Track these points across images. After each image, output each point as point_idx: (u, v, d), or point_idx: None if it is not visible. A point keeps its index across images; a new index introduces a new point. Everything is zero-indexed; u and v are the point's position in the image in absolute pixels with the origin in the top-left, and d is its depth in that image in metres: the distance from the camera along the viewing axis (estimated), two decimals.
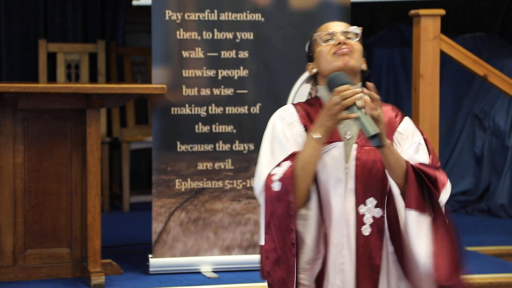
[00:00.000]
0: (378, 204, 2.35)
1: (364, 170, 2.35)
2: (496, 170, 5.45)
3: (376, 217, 2.35)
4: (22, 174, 3.57)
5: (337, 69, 2.39)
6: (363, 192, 2.35)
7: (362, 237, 2.34)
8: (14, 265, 3.57)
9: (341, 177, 2.35)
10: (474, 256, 4.14)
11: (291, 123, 2.41)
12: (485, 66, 4.41)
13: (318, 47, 2.44)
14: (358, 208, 2.34)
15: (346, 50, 2.40)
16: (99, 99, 3.52)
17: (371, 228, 2.34)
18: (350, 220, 2.34)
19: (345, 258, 2.34)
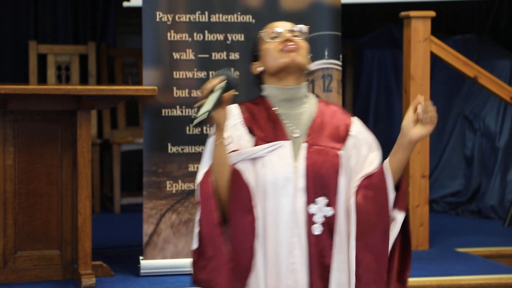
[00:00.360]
0: (329, 203, 2.35)
1: (314, 169, 2.34)
2: (486, 171, 5.46)
3: (327, 216, 2.34)
4: (12, 176, 3.55)
5: (284, 65, 2.40)
6: (314, 191, 2.34)
7: (313, 236, 2.33)
8: (4, 267, 3.56)
9: (290, 177, 2.34)
10: (465, 258, 4.15)
11: (234, 125, 2.41)
12: (475, 67, 4.42)
13: (264, 45, 2.45)
14: (308, 207, 2.34)
15: (293, 47, 2.41)
16: (89, 101, 3.51)
17: (322, 227, 2.34)
18: (300, 219, 2.33)
19: (296, 257, 2.34)
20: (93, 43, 5.56)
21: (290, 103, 2.43)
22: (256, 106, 2.45)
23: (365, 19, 6.42)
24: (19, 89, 3.42)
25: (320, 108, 2.47)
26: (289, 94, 2.43)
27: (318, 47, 3.77)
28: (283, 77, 2.43)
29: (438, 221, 5.05)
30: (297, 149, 2.38)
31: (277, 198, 2.34)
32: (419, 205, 4.29)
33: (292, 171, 2.35)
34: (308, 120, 2.43)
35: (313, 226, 2.34)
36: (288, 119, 2.42)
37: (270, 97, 2.45)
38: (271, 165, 2.35)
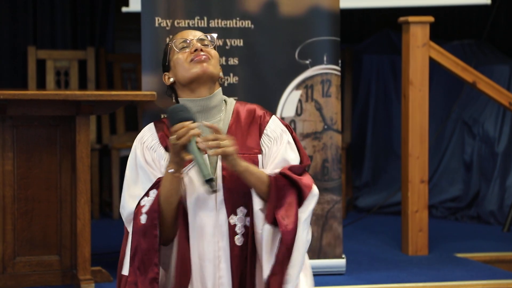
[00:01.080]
0: (248, 213, 2.33)
1: (231, 179, 2.33)
2: (485, 176, 5.46)
3: (247, 225, 2.33)
4: (11, 181, 3.55)
5: (196, 76, 2.38)
6: (233, 202, 2.33)
7: (236, 247, 2.32)
8: (3, 273, 3.55)
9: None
10: (464, 263, 4.14)
11: (152, 146, 2.39)
12: (474, 73, 4.42)
13: (174, 55, 2.42)
14: (229, 218, 2.32)
15: (204, 57, 2.39)
16: (88, 106, 3.50)
17: (243, 237, 2.33)
18: (223, 232, 2.32)
19: (222, 271, 2.33)
20: (92, 49, 5.55)
21: (206, 114, 2.41)
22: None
23: (363, 25, 6.42)
24: (18, 94, 3.41)
25: (236, 112, 2.44)
26: (203, 105, 2.41)
27: (316, 52, 3.78)
28: (195, 88, 2.41)
29: (437, 227, 5.04)
30: (214, 161, 2.35)
31: (199, 213, 2.32)
32: (418, 210, 4.29)
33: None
34: (223, 128, 2.40)
35: (235, 237, 2.32)
36: (204, 131, 2.37)
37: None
38: (191, 182, 2.32)
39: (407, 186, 4.29)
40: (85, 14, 5.71)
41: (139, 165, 2.39)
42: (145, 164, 2.38)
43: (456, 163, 5.62)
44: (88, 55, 5.53)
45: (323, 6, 3.80)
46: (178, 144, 2.24)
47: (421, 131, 4.30)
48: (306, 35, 3.78)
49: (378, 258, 4.20)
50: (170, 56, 2.46)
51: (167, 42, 2.50)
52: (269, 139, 2.40)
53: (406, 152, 4.31)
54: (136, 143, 2.44)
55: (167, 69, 2.48)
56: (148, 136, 2.43)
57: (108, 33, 5.75)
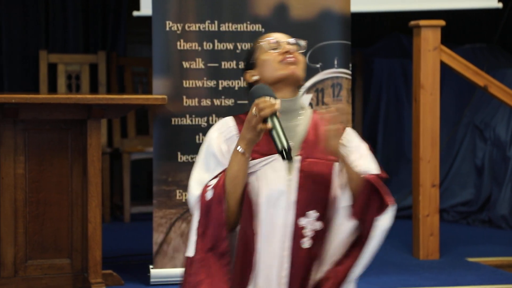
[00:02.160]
0: (319, 217, 2.34)
1: (307, 182, 2.34)
2: (497, 181, 5.44)
3: (316, 229, 2.34)
4: (23, 184, 3.56)
5: (284, 77, 2.39)
6: (305, 205, 2.33)
7: (301, 250, 2.33)
8: (15, 276, 3.56)
9: (283, 189, 2.33)
10: (475, 267, 4.13)
11: (230, 137, 2.39)
12: (485, 76, 4.41)
13: (263, 55, 2.43)
14: (298, 220, 2.33)
15: (293, 60, 2.40)
16: (99, 110, 3.51)
17: (312, 240, 2.33)
18: (289, 233, 2.32)
19: (285, 271, 2.33)
20: (103, 52, 5.57)
21: (285, 115, 2.41)
22: None
23: (374, 28, 6.41)
24: (29, 98, 3.42)
25: (314, 119, 2.45)
26: (285, 106, 2.41)
27: (327, 56, 3.78)
28: (280, 89, 2.42)
29: (449, 231, 5.03)
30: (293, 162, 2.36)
31: (270, 211, 2.32)
32: (429, 214, 4.28)
33: (285, 184, 2.33)
34: (302, 132, 2.42)
35: (302, 240, 2.33)
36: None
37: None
38: (265, 178, 2.33)
39: (418, 190, 4.28)
40: (97, 18, 5.72)
41: (212, 153, 2.40)
42: (219, 153, 2.39)
43: (467, 167, 5.60)
44: (99, 59, 5.55)
45: (334, 10, 3.80)
46: (258, 117, 2.24)
47: (432, 135, 4.29)
48: (317, 38, 3.78)
49: (389, 262, 4.19)
50: (257, 55, 2.47)
51: (254, 42, 2.52)
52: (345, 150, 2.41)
53: (417, 156, 4.31)
54: (213, 132, 2.44)
55: (251, 67, 2.48)
56: (227, 127, 2.43)
57: (119, 37, 5.77)
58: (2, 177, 3.53)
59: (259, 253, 2.33)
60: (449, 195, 5.57)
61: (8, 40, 5.49)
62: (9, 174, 3.53)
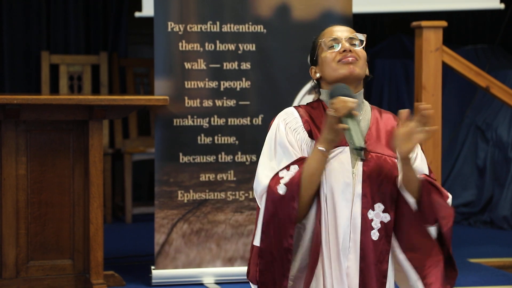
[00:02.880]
0: (386, 209, 2.35)
1: (372, 175, 2.35)
2: (498, 181, 5.43)
3: (384, 222, 2.35)
4: (24, 185, 3.56)
5: (342, 77, 2.38)
6: (371, 197, 2.34)
7: (371, 242, 2.34)
8: (16, 277, 3.56)
9: (349, 182, 2.34)
10: (477, 268, 4.12)
11: (296, 128, 2.39)
12: (487, 77, 4.40)
13: (323, 53, 2.42)
14: (367, 213, 2.34)
15: (351, 59, 2.39)
16: (101, 111, 3.52)
17: (379, 233, 2.35)
18: (357, 224, 2.33)
19: (351, 262, 2.34)
20: (105, 53, 5.57)
21: None
22: (314, 110, 2.43)
23: (376, 29, 6.41)
24: (31, 99, 3.42)
25: (374, 115, 2.46)
26: None
27: None
28: None
29: None
30: (355, 155, 2.35)
31: (336, 202, 2.33)
32: None
33: (350, 176, 2.34)
34: (364, 127, 2.42)
35: (371, 232, 2.34)
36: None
37: (326, 102, 2.42)
38: (331, 170, 2.33)
39: None
40: (98, 19, 5.73)
41: (280, 142, 2.39)
42: (287, 142, 2.38)
43: (469, 168, 5.60)
44: (101, 60, 5.55)
45: (336, 11, 3.81)
46: (335, 117, 2.25)
47: (434, 136, 4.27)
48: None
49: None
50: (318, 52, 2.45)
51: (315, 37, 2.50)
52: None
53: None
54: (278, 122, 2.42)
55: (315, 64, 2.48)
56: (292, 119, 2.41)
57: (121, 38, 5.77)
58: (4, 178, 3.53)
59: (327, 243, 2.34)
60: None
61: (10, 41, 5.50)
62: (11, 175, 3.53)
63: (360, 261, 2.34)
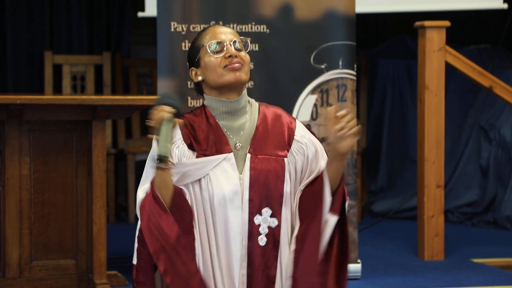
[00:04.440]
0: (273, 214, 2.34)
1: (259, 180, 2.33)
2: (502, 181, 5.42)
3: (271, 226, 2.34)
4: (27, 185, 3.56)
5: (228, 83, 2.36)
6: (259, 202, 2.32)
7: (258, 248, 2.32)
8: (19, 277, 3.56)
9: (236, 189, 2.32)
10: (480, 268, 4.12)
11: (175, 142, 2.36)
12: (490, 77, 4.40)
13: (207, 57, 2.38)
14: (254, 218, 2.32)
15: (237, 65, 2.36)
16: (104, 111, 3.51)
17: (266, 238, 2.33)
18: (246, 231, 2.32)
19: (245, 269, 2.32)
20: (108, 53, 5.56)
21: (231, 115, 2.40)
22: (196, 118, 2.41)
23: (379, 29, 6.40)
24: (34, 99, 3.42)
25: (262, 114, 2.44)
26: (231, 107, 2.40)
27: (332, 57, 3.78)
28: (225, 92, 2.40)
29: (454, 232, 5.01)
30: (241, 160, 2.35)
31: (225, 211, 2.31)
32: (434, 215, 4.27)
33: (238, 183, 2.32)
34: (250, 129, 2.40)
35: (258, 237, 2.32)
36: (230, 131, 2.38)
37: (211, 108, 2.41)
38: (216, 179, 2.32)
39: (423, 191, 4.27)
40: (101, 19, 5.72)
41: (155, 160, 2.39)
42: None
43: (472, 168, 5.59)
44: (104, 60, 5.54)
45: (339, 11, 3.80)
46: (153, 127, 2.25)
47: (437, 135, 4.28)
48: (322, 39, 3.78)
49: (393, 263, 4.18)
50: (201, 54, 2.42)
51: (196, 36, 2.46)
52: (299, 145, 2.41)
53: (422, 157, 4.30)
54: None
55: (196, 66, 2.44)
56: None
57: (124, 38, 5.77)
58: (7, 178, 3.52)
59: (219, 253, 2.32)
60: (454, 196, 5.55)
61: (13, 41, 5.49)
62: (14, 175, 3.53)
63: (247, 267, 2.32)
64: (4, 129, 3.51)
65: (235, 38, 2.41)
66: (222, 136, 2.36)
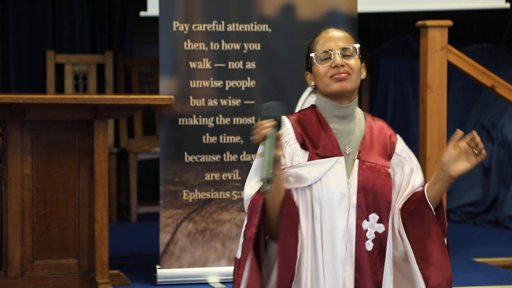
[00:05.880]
0: (380, 220, 2.35)
1: (366, 186, 2.34)
2: (504, 181, 5.42)
3: (378, 232, 2.35)
4: (30, 185, 3.56)
5: (334, 93, 2.37)
6: (366, 207, 2.34)
7: (365, 253, 2.33)
8: (22, 276, 3.56)
9: (344, 193, 2.33)
10: (482, 268, 4.12)
11: (287, 140, 2.37)
12: (492, 77, 4.39)
13: (315, 66, 2.40)
14: (362, 223, 2.34)
15: (344, 75, 2.36)
16: (106, 110, 3.52)
17: (373, 243, 2.34)
18: (352, 235, 2.33)
19: (347, 272, 2.33)
20: (110, 53, 5.57)
21: (342, 120, 2.41)
22: (306, 118, 2.41)
23: (381, 29, 6.39)
24: (36, 98, 3.43)
25: (368, 123, 2.45)
26: (342, 112, 2.41)
27: None
28: (335, 99, 2.41)
29: (456, 231, 5.02)
30: (349, 165, 2.36)
31: (332, 213, 2.32)
32: None
33: (346, 187, 2.34)
34: (358, 136, 2.41)
35: (366, 242, 2.34)
36: (340, 134, 2.40)
37: (322, 110, 2.42)
38: (326, 181, 2.33)
39: None
40: (103, 18, 5.72)
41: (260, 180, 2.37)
42: None
43: (474, 168, 5.56)
44: (106, 59, 5.55)
45: (341, 10, 3.80)
46: (254, 140, 2.25)
47: (439, 135, 4.27)
48: None
49: None
50: (312, 62, 2.42)
51: (310, 40, 2.46)
52: (399, 158, 2.42)
53: (424, 157, 4.29)
54: None
55: (310, 70, 2.45)
56: (285, 129, 2.39)
57: (126, 37, 5.77)
58: (9, 177, 3.53)
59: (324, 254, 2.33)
60: (456, 196, 5.55)
61: (15, 40, 5.50)
62: (16, 174, 3.54)
63: (355, 271, 2.33)
64: (6, 129, 3.52)
65: (345, 44, 2.40)
66: (333, 139, 2.38)
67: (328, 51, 2.38)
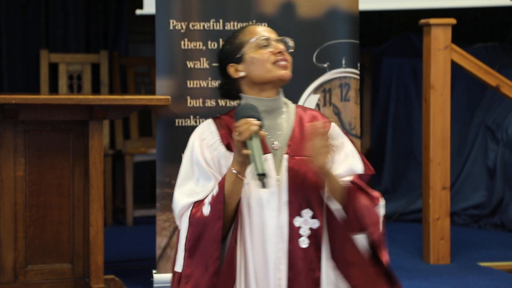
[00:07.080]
0: (314, 215, 2.32)
1: (297, 181, 2.31)
2: (509, 183, 5.41)
3: (313, 228, 2.32)
4: (23, 187, 3.54)
5: (277, 79, 2.35)
6: (298, 204, 2.31)
7: (300, 250, 2.30)
8: (15, 281, 3.54)
9: (273, 191, 2.30)
10: (487, 272, 4.09)
11: (212, 144, 2.35)
12: (497, 76, 4.42)
13: (253, 52, 2.37)
14: (294, 220, 2.30)
15: (286, 63, 2.36)
16: (102, 111, 3.49)
17: (309, 240, 2.31)
18: (284, 233, 2.30)
19: (282, 273, 2.30)
20: (105, 52, 5.57)
21: (269, 114, 2.38)
22: (232, 120, 2.37)
23: (383, 27, 6.41)
24: (30, 99, 3.40)
25: (299, 116, 2.43)
26: (269, 106, 2.38)
27: (335, 55, 3.75)
28: (267, 89, 2.38)
29: (460, 234, 5.00)
30: (278, 161, 2.33)
31: (262, 213, 2.30)
32: (440, 217, 4.26)
33: (275, 184, 2.31)
34: (287, 130, 2.39)
35: (299, 239, 2.30)
36: (267, 130, 2.36)
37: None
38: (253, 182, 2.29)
39: (428, 193, 4.25)
40: (98, 17, 5.74)
41: (196, 162, 2.36)
42: (203, 161, 2.35)
43: (479, 169, 5.58)
44: (101, 59, 5.54)
45: (342, 8, 3.78)
46: (239, 140, 2.21)
47: (442, 136, 4.29)
48: (324, 37, 3.74)
49: (398, 267, 4.14)
50: (245, 50, 2.39)
51: (233, 35, 2.45)
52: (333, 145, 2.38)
53: (427, 158, 4.30)
54: (194, 139, 2.40)
55: (238, 61, 2.40)
56: (208, 133, 2.38)
57: (122, 36, 5.78)
58: (2, 179, 3.50)
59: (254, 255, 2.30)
60: (460, 198, 5.55)
61: (8, 39, 5.49)
62: (9, 177, 3.51)
63: (288, 270, 2.30)
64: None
65: (278, 37, 2.42)
66: None
67: (269, 38, 2.38)
